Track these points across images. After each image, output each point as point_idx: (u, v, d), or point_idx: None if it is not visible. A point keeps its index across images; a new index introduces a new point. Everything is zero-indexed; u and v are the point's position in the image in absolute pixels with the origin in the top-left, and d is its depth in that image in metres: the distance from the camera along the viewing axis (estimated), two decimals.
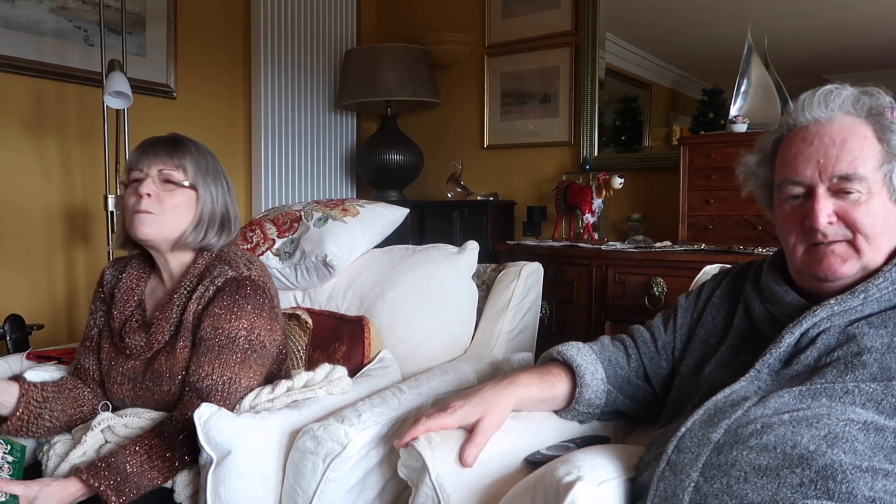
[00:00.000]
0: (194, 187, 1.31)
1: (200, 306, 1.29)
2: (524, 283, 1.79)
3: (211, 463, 1.12)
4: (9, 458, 1.13)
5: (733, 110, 2.36)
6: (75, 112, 2.61)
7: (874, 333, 0.94)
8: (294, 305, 1.77)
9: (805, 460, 0.82)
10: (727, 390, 0.97)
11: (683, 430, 0.92)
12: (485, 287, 1.83)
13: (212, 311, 1.27)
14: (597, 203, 2.60)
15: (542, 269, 1.85)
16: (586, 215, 2.62)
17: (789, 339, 0.99)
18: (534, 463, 1.05)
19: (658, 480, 0.89)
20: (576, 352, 1.19)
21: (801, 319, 0.99)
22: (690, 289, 1.29)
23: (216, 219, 1.34)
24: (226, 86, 3.14)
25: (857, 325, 0.96)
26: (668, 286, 2.15)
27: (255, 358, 1.28)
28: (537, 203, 3.08)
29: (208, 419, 1.11)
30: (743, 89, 2.37)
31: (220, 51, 3.10)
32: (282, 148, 3.22)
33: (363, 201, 1.91)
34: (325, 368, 1.34)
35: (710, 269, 1.48)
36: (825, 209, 0.97)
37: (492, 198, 3.11)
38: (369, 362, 1.55)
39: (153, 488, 1.16)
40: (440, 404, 1.13)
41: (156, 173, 1.28)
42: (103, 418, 1.26)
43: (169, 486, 1.19)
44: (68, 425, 1.33)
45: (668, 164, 2.61)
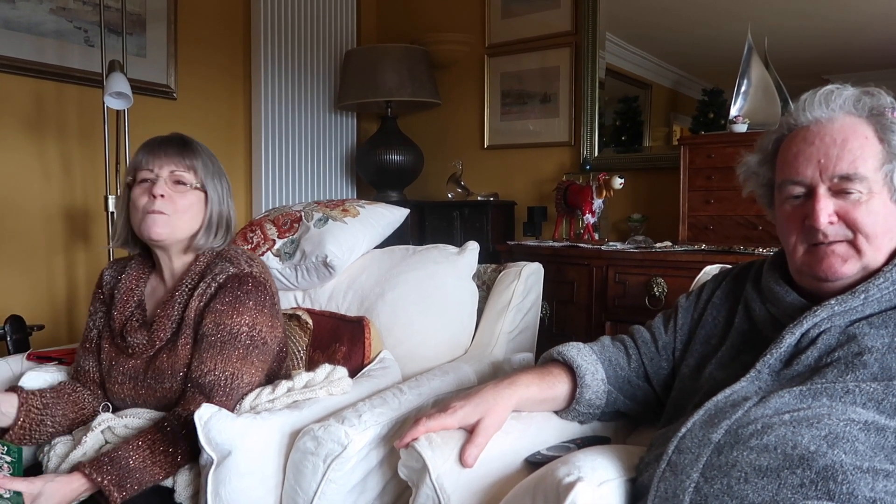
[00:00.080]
0: (204, 189, 1.33)
1: (202, 303, 1.29)
2: (524, 284, 1.79)
3: (211, 463, 1.12)
4: (7, 459, 1.13)
5: (733, 110, 2.36)
6: (76, 113, 2.61)
7: (875, 333, 0.94)
8: (294, 306, 1.77)
9: (805, 461, 0.82)
10: (727, 390, 0.97)
11: (684, 430, 0.92)
12: (485, 287, 1.83)
13: (214, 307, 1.28)
14: (597, 203, 2.60)
15: (542, 270, 1.85)
16: (586, 215, 2.62)
17: (790, 340, 0.99)
18: (534, 463, 1.05)
19: (658, 481, 0.89)
20: (576, 352, 1.19)
21: (802, 319, 0.99)
22: (691, 289, 1.29)
23: (223, 219, 1.36)
24: (226, 86, 3.14)
25: (857, 325, 0.96)
26: (668, 286, 2.15)
27: (256, 354, 1.28)
28: (538, 203, 3.08)
29: (209, 420, 1.11)
30: (743, 89, 2.37)
31: (221, 51, 3.11)
32: (282, 148, 3.22)
33: (363, 202, 1.91)
34: (325, 369, 1.34)
35: (711, 270, 1.48)
36: (826, 209, 0.97)
37: (492, 198, 3.11)
38: (370, 363, 1.55)
39: (155, 483, 1.16)
40: (441, 405, 1.13)
41: (167, 174, 1.29)
42: (103, 419, 1.26)
43: (170, 485, 1.19)
44: (70, 429, 1.33)
45: (669, 164, 2.61)
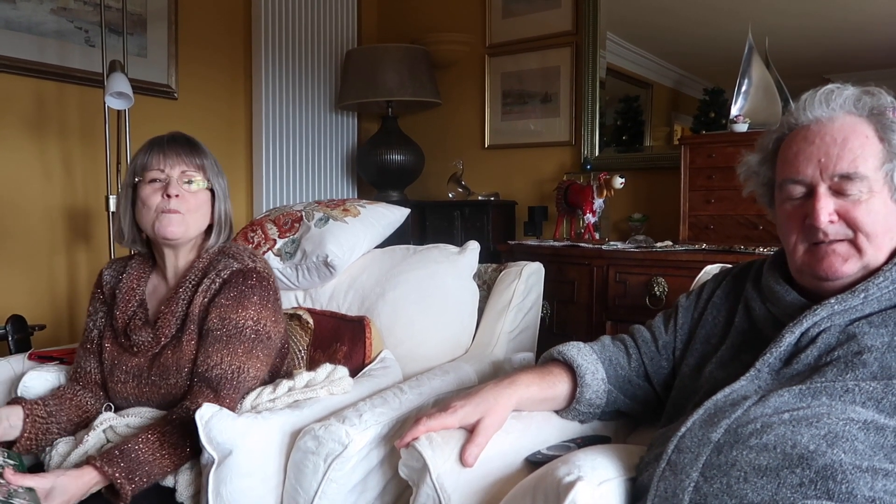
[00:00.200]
0: (211, 188, 1.35)
1: (206, 298, 1.31)
2: (525, 283, 1.79)
3: (212, 463, 1.12)
4: (10, 462, 1.13)
5: (734, 110, 2.36)
6: (76, 113, 2.61)
7: (874, 332, 0.94)
8: (295, 305, 1.77)
9: (805, 460, 0.82)
10: (727, 390, 0.97)
11: (683, 429, 0.92)
12: (486, 287, 1.83)
13: (219, 302, 1.29)
14: (598, 203, 2.60)
15: (542, 269, 1.85)
16: (587, 215, 2.62)
17: (790, 339, 0.99)
18: (534, 463, 1.05)
19: (658, 480, 0.89)
20: (576, 352, 1.19)
21: (802, 319, 0.99)
22: (691, 288, 1.29)
23: (228, 218, 1.39)
24: (227, 86, 3.14)
25: (857, 324, 0.96)
26: (668, 286, 2.15)
27: (261, 348, 1.30)
28: (538, 203, 3.08)
29: (210, 419, 1.11)
30: (744, 89, 2.37)
31: (221, 51, 3.11)
32: (283, 148, 3.22)
33: (364, 201, 1.91)
34: (326, 368, 1.34)
35: (711, 269, 1.48)
36: (826, 208, 0.97)
37: (493, 198, 3.11)
38: (370, 362, 1.55)
39: (164, 476, 1.17)
40: (441, 404, 1.13)
41: (178, 174, 1.31)
42: (105, 418, 1.26)
43: (171, 485, 1.20)
44: (74, 431, 1.34)
45: (669, 163, 2.61)
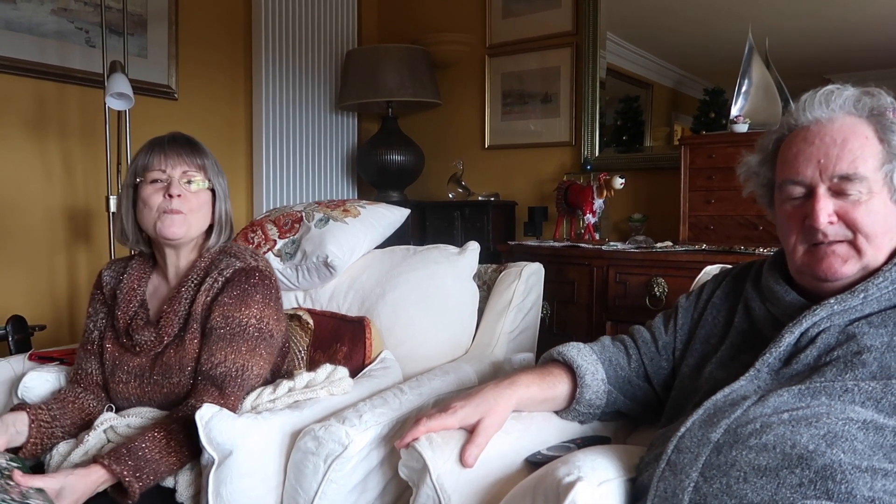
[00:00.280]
0: (212, 188, 1.36)
1: (209, 297, 1.31)
2: (525, 284, 1.79)
3: (213, 463, 1.12)
4: (14, 465, 1.13)
5: (734, 110, 2.36)
6: (77, 113, 2.61)
7: (874, 333, 0.94)
8: (295, 306, 1.78)
9: (804, 460, 0.82)
10: (727, 389, 0.97)
11: (683, 430, 0.93)
12: (486, 287, 1.83)
13: (222, 300, 1.30)
14: (598, 203, 2.60)
15: (542, 270, 1.85)
16: (587, 215, 2.62)
17: (789, 339, 0.99)
18: (534, 463, 1.05)
19: (658, 481, 0.89)
20: (576, 352, 1.19)
21: (801, 319, 0.99)
22: (691, 289, 1.29)
23: (229, 217, 1.40)
24: (227, 87, 3.14)
25: (856, 324, 0.96)
26: (668, 286, 2.15)
27: (264, 346, 1.31)
28: (538, 203, 3.08)
29: (210, 419, 1.11)
30: (744, 89, 2.37)
31: (222, 52, 3.11)
32: (283, 149, 3.22)
33: (364, 202, 1.91)
34: (326, 369, 1.35)
35: (711, 270, 1.49)
36: (825, 209, 0.97)
37: (493, 198, 3.11)
38: (370, 363, 1.56)
39: (170, 474, 1.18)
40: (441, 405, 1.14)
41: (179, 174, 1.31)
42: (105, 418, 1.26)
43: (171, 485, 1.20)
44: (77, 433, 1.34)
45: (670, 164, 2.61)
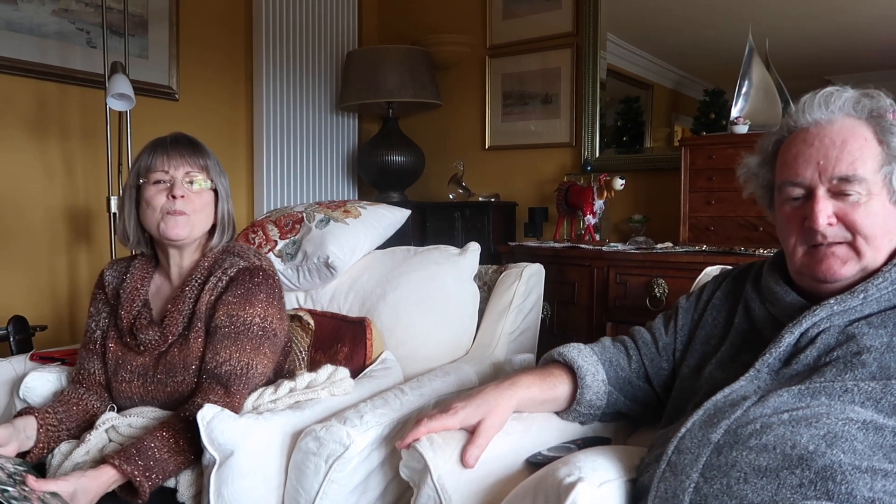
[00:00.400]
0: (215, 188, 1.37)
1: (213, 296, 1.32)
2: (525, 285, 1.79)
3: (214, 463, 1.13)
4: (21, 468, 1.13)
5: (734, 111, 2.36)
6: (78, 114, 2.61)
7: (873, 333, 0.94)
8: (296, 307, 1.78)
9: (804, 461, 0.82)
10: (727, 390, 0.97)
11: (683, 430, 0.93)
12: (486, 288, 1.84)
13: (226, 299, 1.31)
14: (598, 204, 2.60)
15: (543, 271, 1.86)
16: (587, 216, 2.62)
17: (789, 339, 0.99)
18: (535, 464, 1.05)
19: (658, 481, 0.89)
20: (577, 353, 1.19)
21: (801, 319, 0.99)
22: (691, 290, 1.30)
23: (231, 217, 1.41)
24: (228, 87, 3.14)
25: (856, 324, 0.97)
26: (669, 287, 2.15)
27: (268, 344, 1.32)
28: (539, 204, 3.08)
29: (211, 420, 1.12)
30: (744, 90, 2.37)
31: (222, 52, 3.11)
32: (284, 149, 3.22)
33: (365, 203, 1.92)
34: (327, 369, 1.35)
35: (711, 271, 1.49)
36: (825, 210, 0.97)
37: (493, 199, 3.11)
38: (371, 363, 1.56)
39: (179, 472, 1.18)
40: (442, 405, 1.14)
41: (182, 175, 1.32)
42: (107, 418, 1.27)
43: (172, 485, 1.20)
44: (81, 434, 1.34)
45: (670, 165, 2.61)
